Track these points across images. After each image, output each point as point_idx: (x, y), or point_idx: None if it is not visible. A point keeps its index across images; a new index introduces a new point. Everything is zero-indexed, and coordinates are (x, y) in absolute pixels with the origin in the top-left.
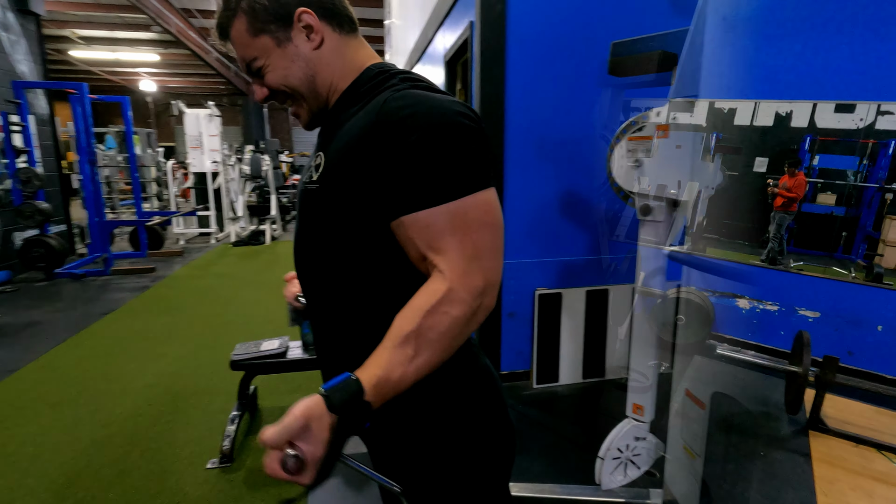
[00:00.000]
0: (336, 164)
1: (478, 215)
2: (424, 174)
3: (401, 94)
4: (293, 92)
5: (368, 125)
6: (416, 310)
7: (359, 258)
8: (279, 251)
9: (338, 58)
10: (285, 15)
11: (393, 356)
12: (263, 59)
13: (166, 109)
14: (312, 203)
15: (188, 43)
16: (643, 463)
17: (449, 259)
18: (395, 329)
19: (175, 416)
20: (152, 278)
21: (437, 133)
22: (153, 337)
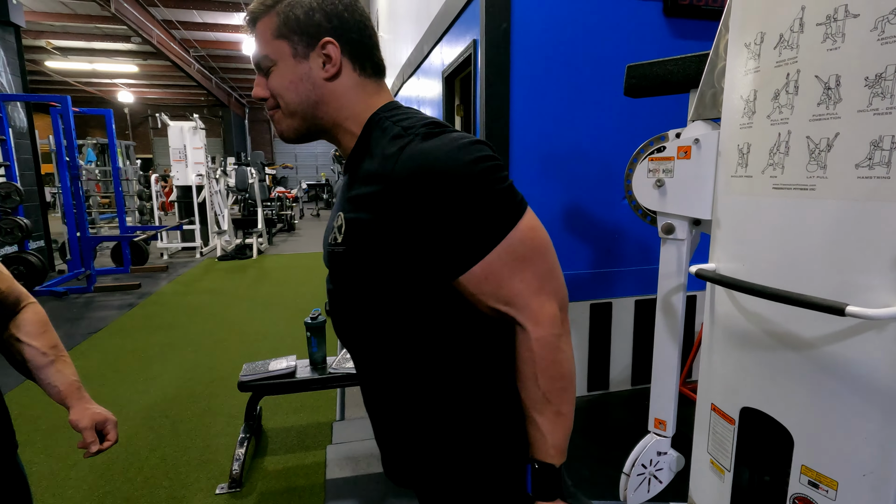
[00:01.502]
0: (357, 226)
1: (527, 245)
2: (462, 229)
3: (408, 156)
4: (286, 106)
5: (383, 190)
6: (529, 377)
7: (398, 315)
8: (267, 265)
9: (350, 96)
10: (312, 35)
11: (546, 426)
12: (275, 61)
13: (144, 121)
14: (341, 266)
15: (169, 54)
16: (665, 478)
17: (520, 307)
18: (528, 405)
19: (177, 440)
20: (138, 295)
21: (461, 186)
22: (145, 357)
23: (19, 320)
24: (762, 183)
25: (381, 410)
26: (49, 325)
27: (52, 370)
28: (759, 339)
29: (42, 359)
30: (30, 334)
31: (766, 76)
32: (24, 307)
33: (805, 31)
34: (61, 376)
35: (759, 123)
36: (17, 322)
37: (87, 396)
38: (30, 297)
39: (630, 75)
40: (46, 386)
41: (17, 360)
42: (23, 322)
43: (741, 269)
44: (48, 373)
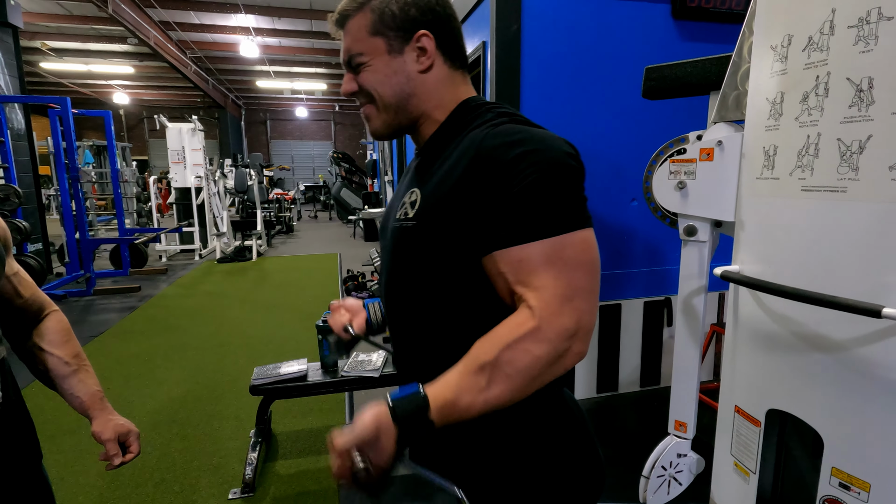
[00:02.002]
0: (435, 201)
1: (575, 254)
2: (525, 210)
3: (502, 130)
4: (381, 100)
5: (469, 161)
6: (496, 340)
7: (455, 295)
8: (266, 267)
9: (440, 88)
10: (408, 29)
11: (465, 381)
12: (368, 58)
13: (139, 123)
14: (407, 240)
15: (166, 55)
16: (685, 480)
17: (540, 296)
18: (472, 355)
19: (186, 444)
20: (139, 298)
21: (543, 170)
22: (149, 360)
23: (42, 329)
24: (790, 185)
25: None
26: (72, 334)
27: (74, 380)
28: (786, 341)
29: (65, 368)
30: (52, 343)
31: (793, 78)
32: (46, 315)
33: (836, 33)
34: (84, 386)
35: (787, 125)
36: (39, 331)
37: (109, 407)
38: (52, 305)
39: (648, 77)
40: (69, 396)
41: (40, 369)
42: (46, 331)
43: (767, 270)
44: (71, 383)
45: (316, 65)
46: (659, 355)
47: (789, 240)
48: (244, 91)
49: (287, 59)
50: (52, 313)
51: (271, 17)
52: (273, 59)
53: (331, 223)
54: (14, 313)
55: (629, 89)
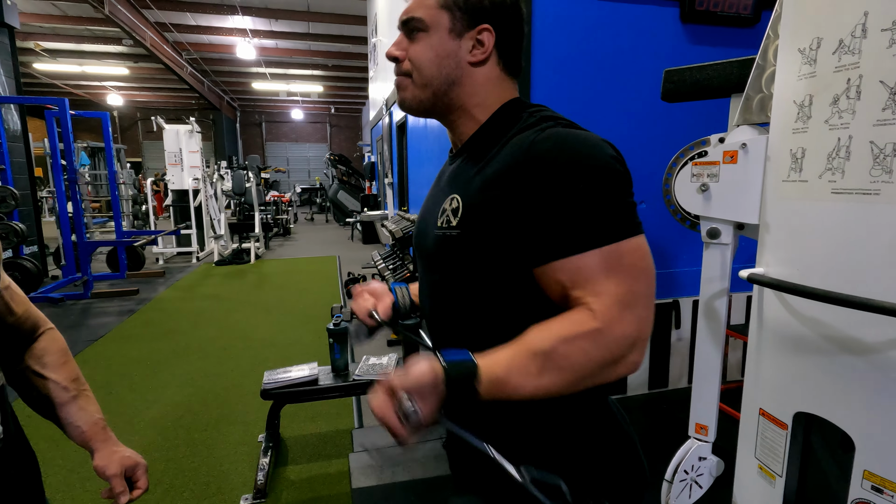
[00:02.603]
0: (480, 209)
1: (633, 261)
2: (580, 219)
3: (550, 135)
4: (421, 76)
5: (516, 167)
6: (554, 332)
7: (505, 304)
8: (265, 270)
9: (487, 86)
10: (475, 17)
11: (517, 363)
12: (428, 27)
13: (133, 125)
14: (453, 249)
15: (162, 57)
16: (705, 483)
17: (602, 301)
18: (526, 340)
19: (193, 450)
20: (137, 301)
21: (596, 178)
22: (151, 364)
23: (36, 350)
24: (819, 187)
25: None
26: (69, 355)
27: (73, 407)
28: (815, 344)
29: (63, 394)
30: (48, 366)
31: (823, 81)
32: (41, 334)
33: (868, 36)
34: (84, 414)
35: (816, 128)
36: (33, 352)
37: (113, 437)
38: (47, 323)
39: (668, 80)
40: (67, 426)
41: (34, 395)
42: (41, 352)
43: (794, 273)
44: (70, 410)
45: (312, 67)
46: (667, 358)
47: (818, 242)
48: (239, 93)
49: (283, 61)
50: (46, 332)
51: (268, 19)
52: (269, 61)
53: (328, 226)
54: (5, 332)
55: (638, 92)
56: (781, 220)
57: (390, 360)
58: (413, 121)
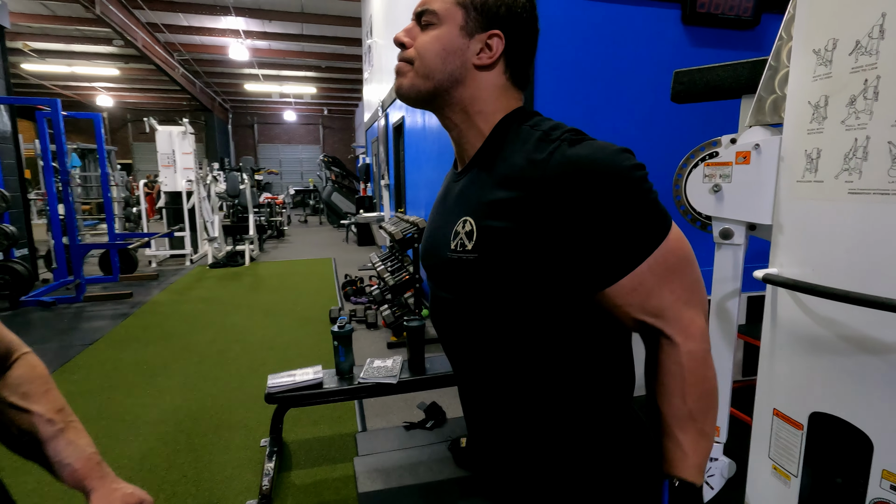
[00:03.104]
0: (495, 235)
1: (676, 256)
2: (616, 237)
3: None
4: (422, 66)
5: (536, 186)
6: (673, 393)
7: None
8: (260, 272)
9: (492, 93)
10: (488, 21)
11: (689, 441)
12: (440, 21)
13: (123, 126)
14: (469, 273)
15: (153, 57)
16: (717, 484)
17: (669, 319)
18: (669, 419)
19: (196, 455)
20: (131, 304)
21: (628, 190)
22: (148, 369)
23: (12, 378)
24: (835, 188)
25: (497, 426)
26: (52, 382)
27: (61, 442)
28: (832, 344)
29: (48, 428)
30: (28, 396)
31: (839, 82)
32: (16, 360)
33: (886, 37)
34: (75, 450)
35: (832, 129)
36: (8, 381)
37: (111, 473)
38: (23, 346)
39: (678, 81)
40: (56, 464)
41: (13, 433)
42: (17, 380)
43: (810, 273)
44: (57, 446)
45: (306, 68)
46: None
47: (834, 242)
48: (231, 94)
49: (276, 63)
50: (22, 357)
51: (261, 20)
52: (262, 63)
53: (321, 228)
54: None
55: (641, 94)
56: (796, 221)
57: (395, 362)
58: (410, 122)
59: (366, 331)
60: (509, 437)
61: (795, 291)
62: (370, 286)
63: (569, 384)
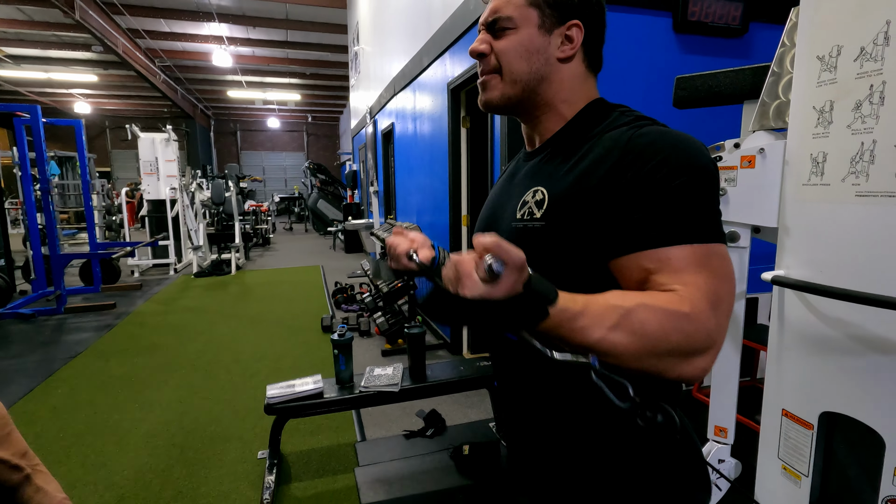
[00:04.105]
0: (569, 200)
1: (720, 265)
2: (676, 212)
3: (650, 132)
4: (510, 73)
5: (613, 161)
6: (639, 297)
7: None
8: (247, 281)
9: (574, 82)
10: (564, 13)
11: (595, 308)
12: (516, 26)
13: (101, 133)
14: (534, 240)
15: (134, 64)
16: (724, 485)
17: (691, 291)
18: (609, 295)
19: (190, 470)
20: (115, 315)
21: (695, 177)
22: (136, 381)
23: None
24: (842, 190)
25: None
26: (11, 423)
27: (30, 490)
28: (841, 344)
29: (13, 475)
30: None
31: (844, 87)
32: None
33: (891, 43)
34: (44, 497)
35: (838, 133)
36: None
37: None
38: None
39: (680, 87)
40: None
41: None
42: None
43: (817, 274)
44: (25, 496)
45: (290, 75)
46: None
47: (842, 243)
48: (214, 101)
49: (260, 69)
50: None
51: (245, 27)
52: (246, 69)
53: (307, 235)
54: None
55: (634, 100)
56: (802, 223)
57: (396, 370)
58: (400, 129)
59: (359, 339)
60: (555, 436)
61: (804, 293)
62: (361, 294)
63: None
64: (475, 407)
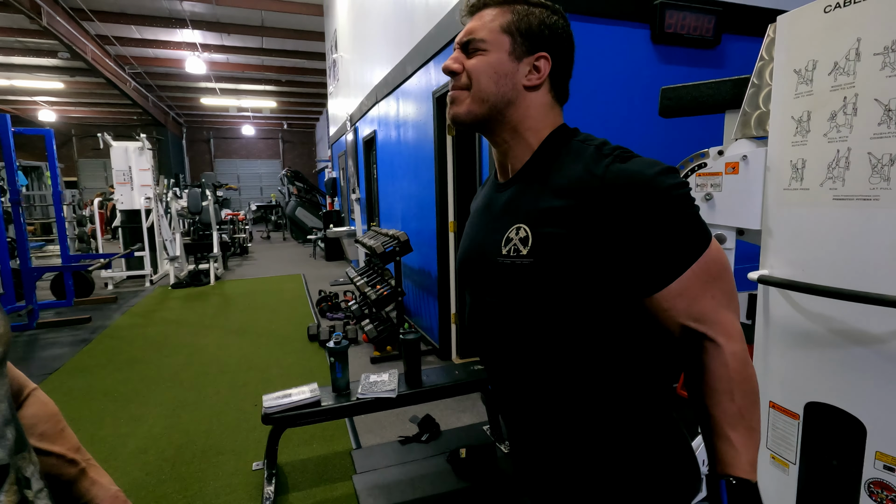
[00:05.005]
0: (553, 238)
1: (716, 264)
2: (665, 246)
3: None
4: (478, 90)
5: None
6: (722, 394)
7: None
8: (228, 291)
9: (540, 111)
10: (534, 44)
11: (740, 439)
12: (489, 48)
13: (67, 142)
14: (524, 278)
15: (103, 70)
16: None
17: (712, 323)
18: (720, 419)
19: (184, 484)
20: (90, 330)
21: (679, 203)
22: (120, 396)
23: (26, 418)
24: (821, 194)
25: (541, 429)
26: (62, 419)
27: (86, 483)
28: (823, 338)
29: (69, 469)
30: (46, 437)
31: (820, 99)
32: (26, 398)
33: (862, 59)
34: (100, 489)
35: (815, 141)
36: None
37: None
38: (30, 382)
39: (665, 97)
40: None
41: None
42: (32, 420)
43: (800, 273)
44: (82, 488)
45: (266, 82)
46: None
47: (822, 244)
48: (186, 108)
49: (235, 76)
50: (32, 394)
51: (220, 34)
52: (220, 76)
53: (286, 243)
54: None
55: (614, 109)
56: (784, 225)
57: (392, 376)
58: (383, 137)
59: None
60: (553, 440)
61: (788, 290)
62: (346, 302)
63: (614, 388)
64: (468, 411)
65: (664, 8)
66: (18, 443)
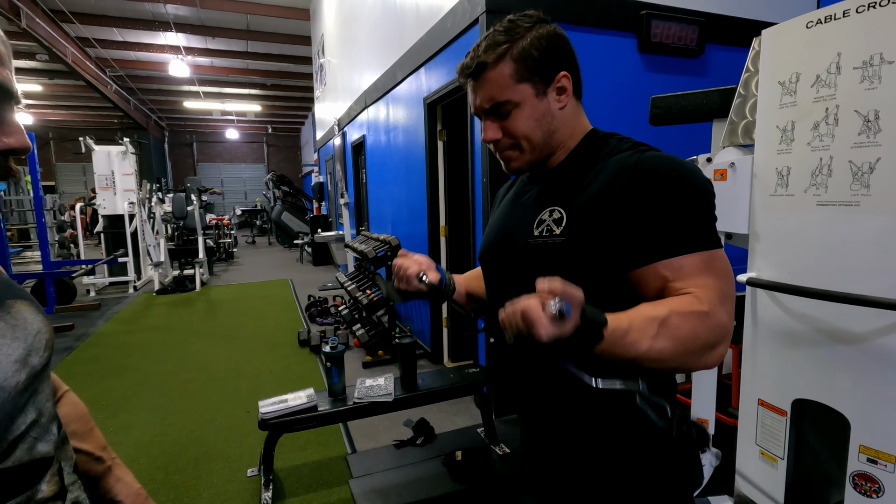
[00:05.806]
0: (589, 218)
1: (722, 267)
2: (685, 226)
3: (654, 156)
4: (530, 143)
5: (624, 181)
6: (668, 305)
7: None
8: (214, 297)
9: (571, 119)
10: (549, 72)
11: (638, 322)
12: (517, 103)
13: (45, 146)
14: (554, 256)
15: (84, 73)
16: (706, 474)
17: (705, 292)
18: (642, 309)
19: (178, 492)
20: (74, 337)
21: (698, 194)
22: (107, 405)
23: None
24: (805, 200)
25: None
26: (91, 419)
27: (111, 480)
28: (808, 337)
29: (97, 466)
30: (76, 435)
31: (803, 109)
32: (60, 398)
33: (842, 72)
34: (124, 486)
35: (799, 150)
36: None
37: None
38: (63, 385)
39: (655, 106)
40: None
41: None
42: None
43: (786, 275)
44: (107, 484)
45: (250, 86)
46: None
47: (806, 247)
48: (168, 112)
49: (219, 80)
50: (65, 395)
51: (204, 37)
52: (203, 80)
53: (272, 248)
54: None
55: (605, 113)
56: (770, 230)
57: (388, 380)
58: (372, 141)
59: None
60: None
61: (776, 292)
62: (336, 307)
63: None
64: (461, 414)
65: (650, 18)
66: (61, 437)
